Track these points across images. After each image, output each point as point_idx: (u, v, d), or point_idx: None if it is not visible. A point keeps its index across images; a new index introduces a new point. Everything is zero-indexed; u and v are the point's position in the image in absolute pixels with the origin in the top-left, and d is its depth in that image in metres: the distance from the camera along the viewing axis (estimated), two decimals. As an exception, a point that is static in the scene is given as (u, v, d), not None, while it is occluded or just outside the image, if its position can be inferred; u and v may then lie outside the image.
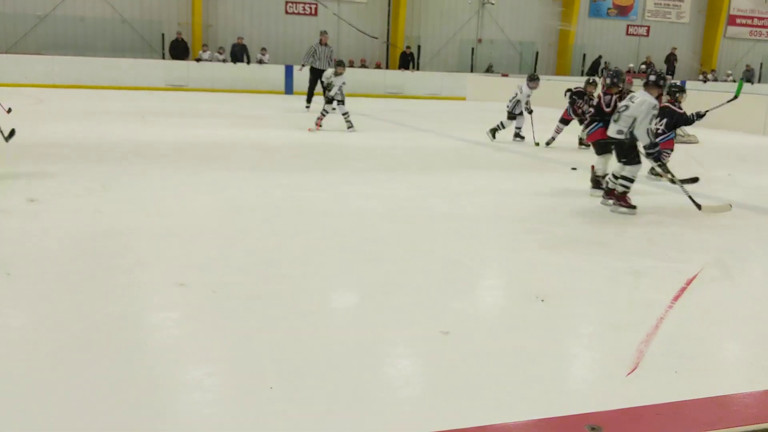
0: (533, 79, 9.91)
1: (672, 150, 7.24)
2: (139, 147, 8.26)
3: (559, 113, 9.91)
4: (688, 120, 7.05)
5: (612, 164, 5.99)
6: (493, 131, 9.99)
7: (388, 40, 21.65)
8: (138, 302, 3.35)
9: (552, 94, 19.40)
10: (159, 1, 20.45)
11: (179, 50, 19.64)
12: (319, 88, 13.81)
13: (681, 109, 7.15)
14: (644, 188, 6.88)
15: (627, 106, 5.52)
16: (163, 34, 19.95)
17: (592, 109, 6.73)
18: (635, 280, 4.13)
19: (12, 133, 6.49)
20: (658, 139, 6.15)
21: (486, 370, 2.73)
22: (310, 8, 21.80)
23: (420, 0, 23.07)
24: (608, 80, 6.54)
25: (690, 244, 4.93)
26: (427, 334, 3.07)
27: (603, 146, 6.15)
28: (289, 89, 19.47)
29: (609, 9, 25.51)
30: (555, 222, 5.36)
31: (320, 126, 10.20)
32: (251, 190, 6.16)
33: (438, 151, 9.09)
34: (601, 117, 6.23)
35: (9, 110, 7.82)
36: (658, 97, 5.64)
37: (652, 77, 5.56)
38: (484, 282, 4.07)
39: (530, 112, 10.00)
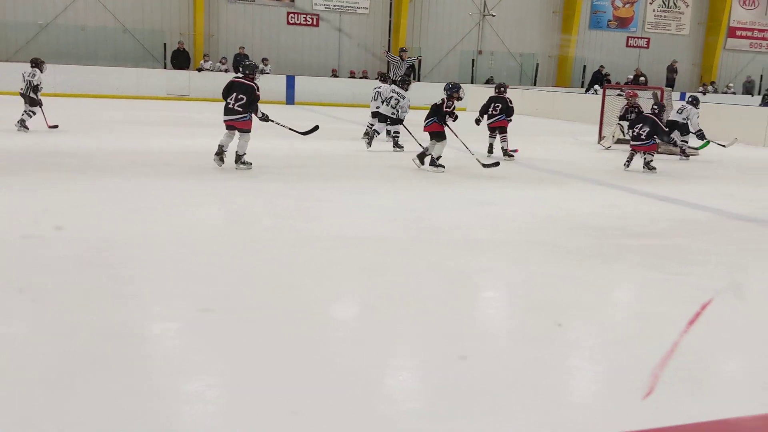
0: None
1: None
2: (142, 156, 8.26)
3: (557, 124, 9.87)
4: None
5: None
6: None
7: (389, 49, 21.58)
8: (140, 313, 3.33)
9: (552, 106, 19.48)
10: (161, 11, 20.50)
11: (181, 60, 19.67)
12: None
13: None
14: (645, 200, 6.88)
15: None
16: (164, 44, 19.99)
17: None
18: (640, 293, 4.12)
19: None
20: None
21: (490, 386, 2.70)
22: (312, 19, 21.86)
23: (421, 11, 23.15)
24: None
25: (692, 256, 4.91)
26: (431, 347, 3.05)
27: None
28: (290, 99, 19.48)
29: (609, 21, 25.58)
30: (558, 234, 5.35)
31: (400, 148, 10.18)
32: (256, 200, 6.15)
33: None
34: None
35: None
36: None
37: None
38: (488, 294, 4.06)
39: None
